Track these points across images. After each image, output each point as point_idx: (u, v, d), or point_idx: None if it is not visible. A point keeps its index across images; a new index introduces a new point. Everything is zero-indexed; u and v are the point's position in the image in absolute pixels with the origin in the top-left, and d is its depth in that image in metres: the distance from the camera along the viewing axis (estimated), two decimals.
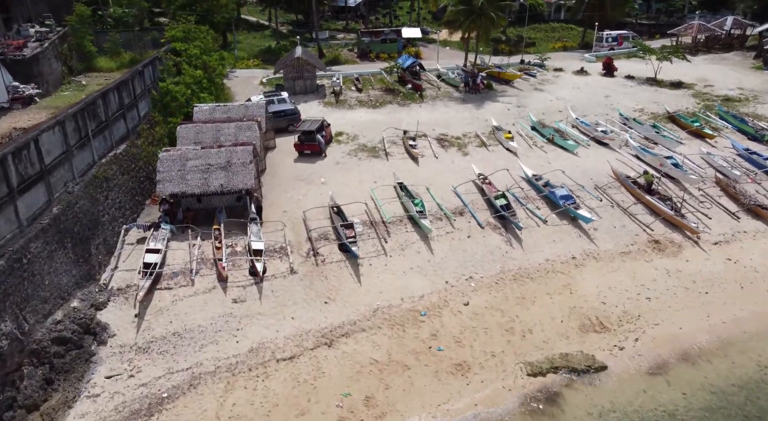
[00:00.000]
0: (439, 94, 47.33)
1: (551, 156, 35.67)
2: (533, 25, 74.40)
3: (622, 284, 24.15)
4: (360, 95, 46.94)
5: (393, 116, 42.91)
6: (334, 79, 49.44)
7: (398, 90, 47.53)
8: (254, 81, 51.33)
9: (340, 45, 66.69)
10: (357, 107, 44.83)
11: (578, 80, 50.83)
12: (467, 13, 47.11)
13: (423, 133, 39.12)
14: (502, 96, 47.03)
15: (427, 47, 65.64)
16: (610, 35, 60.60)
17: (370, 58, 60.13)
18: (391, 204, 29.29)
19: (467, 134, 39.39)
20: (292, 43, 66.52)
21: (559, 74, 52.76)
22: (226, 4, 51.69)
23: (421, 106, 45.08)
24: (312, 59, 47.47)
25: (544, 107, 44.31)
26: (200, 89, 37.80)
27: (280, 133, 39.24)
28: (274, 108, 39.87)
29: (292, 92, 46.93)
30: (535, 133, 39.21)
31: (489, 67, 51.33)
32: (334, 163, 35.18)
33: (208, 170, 26.90)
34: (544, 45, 67.07)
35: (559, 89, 48.41)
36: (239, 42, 70.35)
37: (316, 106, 45.16)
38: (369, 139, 38.62)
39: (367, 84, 49.65)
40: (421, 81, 48.83)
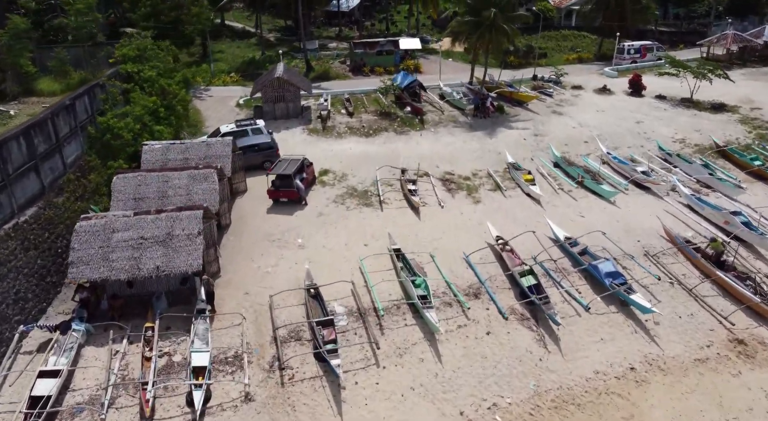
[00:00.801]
0: (443, 119, 40.37)
1: (583, 204, 28.75)
2: (542, 32, 67.45)
3: (706, 417, 17.21)
4: (351, 120, 39.97)
5: (389, 148, 35.98)
6: (321, 100, 42.47)
7: (395, 114, 40.56)
8: (230, 101, 44.30)
9: (331, 56, 59.69)
10: (347, 136, 37.87)
11: (602, 101, 43.88)
12: (476, 25, 40.14)
13: (424, 172, 32.22)
14: (516, 121, 40.07)
15: (427, 59, 58.65)
16: (633, 46, 53.69)
17: (364, 72, 53.15)
18: (386, 281, 22.36)
19: (478, 173, 32.45)
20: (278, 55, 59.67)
21: (578, 93, 45.80)
22: (199, 14, 44.56)
23: (422, 134, 38.12)
24: (295, 79, 40.47)
25: (565, 136, 37.38)
26: (155, 121, 30.80)
27: (253, 170, 32.34)
28: (245, 141, 32.90)
29: (272, 117, 39.97)
30: (559, 171, 32.27)
31: (499, 86, 44.35)
32: (316, 214, 28.24)
33: (141, 246, 19.94)
34: (557, 56, 60.14)
35: (580, 112, 41.46)
36: (222, 52, 63.52)
37: (299, 134, 38.19)
38: (360, 180, 31.72)
39: (359, 106, 42.67)
40: (421, 103, 41.87)
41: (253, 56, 59.52)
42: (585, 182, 30.22)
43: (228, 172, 27.92)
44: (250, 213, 28.41)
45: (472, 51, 42.78)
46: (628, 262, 23.50)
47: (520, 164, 32.38)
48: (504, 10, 39.85)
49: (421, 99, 42.75)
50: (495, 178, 31.55)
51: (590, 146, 35.77)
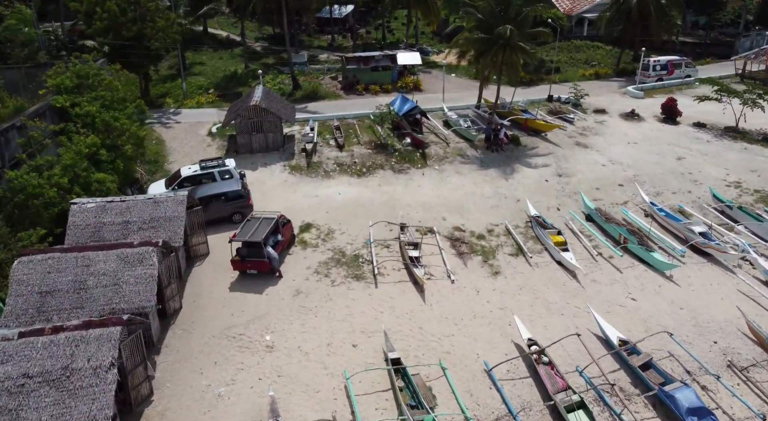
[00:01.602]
0: (448, 153, 34.05)
1: (630, 278, 22.49)
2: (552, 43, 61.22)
3: None
4: (340, 155, 33.61)
5: (385, 192, 29.70)
6: (307, 128, 36.11)
7: (392, 146, 34.22)
8: (202, 129, 37.89)
9: (321, 71, 53.30)
10: (335, 175, 31.55)
11: (632, 129, 37.61)
12: (487, 43, 33.78)
13: (428, 228, 25.98)
14: (534, 156, 33.78)
15: (428, 74, 52.36)
16: (659, 62, 47.43)
17: (358, 90, 46.81)
18: (381, 411, 16.08)
19: (494, 229, 26.19)
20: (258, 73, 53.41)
21: (603, 119, 39.51)
22: (165, 28, 38.07)
23: (425, 173, 31.82)
24: (276, 105, 34.09)
25: (595, 177, 31.13)
26: (94, 168, 24.45)
27: (219, 224, 26.10)
28: (210, 189, 26.58)
29: (248, 150, 33.61)
30: (594, 228, 26.03)
31: (513, 112, 38.05)
32: (292, 292, 21.94)
33: (23, 391, 13.56)
34: (570, 71, 53.88)
35: (609, 144, 35.19)
36: (202, 64, 57.13)
37: (278, 172, 31.84)
38: (350, 238, 25.46)
39: (350, 135, 36.32)
40: (423, 134, 35.53)
41: (236, 70, 53.12)
42: (629, 246, 23.93)
43: (179, 239, 21.57)
44: (207, 291, 22.07)
45: (481, 71, 36.41)
46: (709, 378, 17.23)
47: (546, 219, 26.08)
48: (521, 26, 33.54)
49: (423, 128, 36.39)
50: (516, 237, 25.25)
51: (627, 191, 29.51)
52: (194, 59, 59.00)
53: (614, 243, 24.55)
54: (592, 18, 65.70)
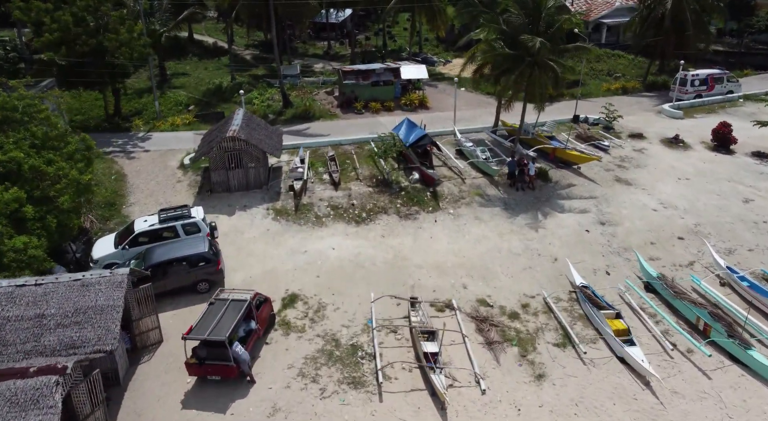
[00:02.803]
0: (464, 192, 28.15)
1: (725, 388, 16.66)
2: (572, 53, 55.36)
3: None
4: (335, 195, 27.70)
5: (390, 246, 23.85)
6: (296, 160, 30.23)
7: (397, 183, 28.36)
8: (173, 159, 31.94)
9: (316, 84, 47.35)
10: (329, 222, 25.67)
11: (679, 161, 31.72)
12: (513, 59, 27.82)
13: (445, 303, 20.14)
14: (568, 197, 27.89)
15: (435, 88, 46.47)
16: (698, 77, 41.52)
17: (356, 108, 40.89)
18: None
19: (530, 304, 20.36)
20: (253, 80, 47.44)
21: (641, 146, 33.62)
22: (130, 41, 32.05)
23: (437, 219, 25.95)
24: (258, 135, 28.17)
25: (646, 226, 25.27)
26: (14, 229, 18.54)
27: (181, 295, 20.34)
28: (166, 254, 20.67)
29: (225, 188, 27.69)
30: (658, 302, 20.16)
31: (538, 139, 32.17)
32: (267, 411, 16.07)
33: None
34: (594, 84, 48.02)
35: (655, 181, 29.31)
36: (185, 74, 51.25)
37: (260, 218, 25.94)
38: (346, 318, 19.67)
39: (347, 168, 30.40)
40: (433, 168, 29.61)
41: (221, 83, 47.18)
42: (713, 336, 18.06)
43: (113, 340, 15.67)
44: (152, 407, 16.17)
45: (503, 92, 30.45)
46: None
47: (596, 291, 20.19)
48: (552, 40, 27.61)
49: (433, 159, 30.44)
50: (560, 318, 19.37)
51: (690, 247, 23.64)
52: (177, 69, 53.18)
53: (692, 331, 18.64)
54: (611, 24, 60.06)
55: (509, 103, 28.87)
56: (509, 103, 28.87)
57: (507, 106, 29.01)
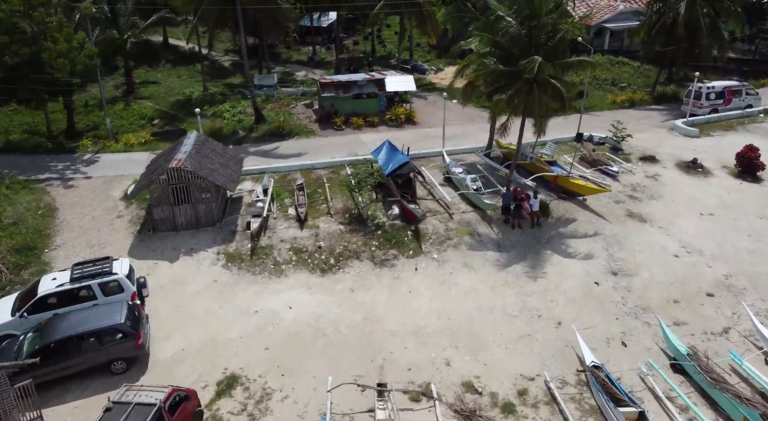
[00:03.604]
0: (451, 230, 23.85)
1: None
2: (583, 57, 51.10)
3: None
4: (300, 235, 23.38)
5: (360, 303, 19.60)
6: (258, 190, 25.95)
7: (373, 219, 24.07)
8: (117, 189, 27.58)
9: (294, 96, 43.03)
10: (290, 270, 21.39)
11: (699, 190, 27.44)
12: (508, 77, 23.47)
13: (423, 390, 15.84)
14: (572, 237, 23.60)
15: (425, 100, 42.19)
16: (713, 89, 37.22)
17: (336, 124, 36.61)
18: None
19: (528, 389, 16.10)
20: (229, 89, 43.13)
21: (656, 171, 29.34)
22: (69, 52, 27.63)
23: (418, 266, 21.68)
24: (212, 163, 23.82)
25: (667, 277, 20.99)
26: None
27: (90, 377, 16.07)
28: (68, 328, 16.32)
29: (170, 227, 23.37)
30: (690, 389, 15.87)
31: (537, 164, 27.91)
32: None
33: None
34: (598, 96, 43.75)
35: (674, 216, 25.02)
36: (156, 83, 46.94)
37: (207, 265, 21.63)
38: (295, 411, 15.57)
39: (317, 201, 26.09)
40: (417, 201, 25.25)
41: (191, 93, 42.87)
42: None
43: None
44: None
45: (496, 113, 26.10)
46: None
47: (612, 374, 15.91)
48: (553, 54, 23.28)
49: (416, 192, 26.10)
50: (567, 414, 15.06)
51: (723, 307, 19.35)
52: (147, 77, 48.85)
53: None
54: (614, 29, 55.87)
55: (504, 128, 24.48)
56: (504, 128, 24.48)
57: (501, 131, 24.59)
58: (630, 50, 53.37)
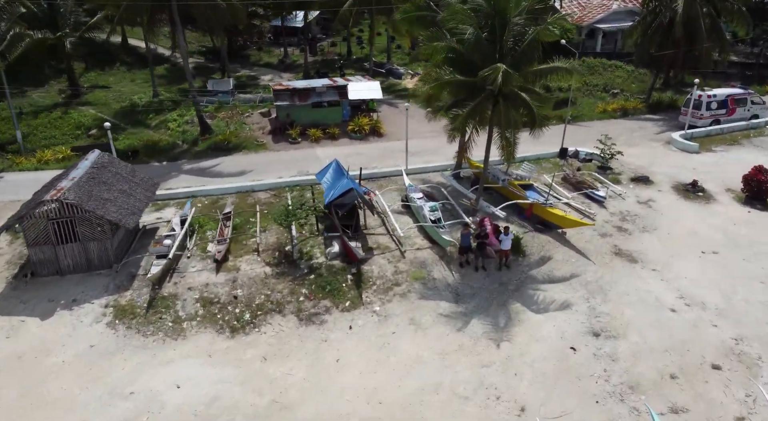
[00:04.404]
0: (401, 273, 19.44)
1: None
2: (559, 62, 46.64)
3: None
4: (214, 280, 18.93)
5: (271, 380, 15.22)
6: (174, 221, 21.48)
7: (307, 259, 19.66)
8: (4, 219, 23.00)
9: (252, 103, 38.62)
10: (192, 330, 16.97)
11: (700, 220, 23.02)
12: (469, 89, 19.00)
13: None
14: (546, 282, 19.23)
15: (396, 108, 37.77)
16: (715, 98, 32.79)
17: (291, 137, 32.21)
18: None
19: None
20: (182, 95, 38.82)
21: (649, 196, 24.94)
22: None
23: (353, 325, 17.27)
24: (107, 194, 19.35)
25: (660, 338, 16.60)
26: None
27: None
28: None
29: (54, 271, 18.93)
30: None
31: (510, 189, 23.47)
32: None
33: None
34: (587, 103, 39.43)
35: (670, 256, 20.61)
36: (107, 87, 42.63)
37: (88, 323, 17.23)
38: None
39: (246, 233, 21.63)
40: (357, 241, 20.63)
41: (138, 100, 38.44)
42: None
43: None
44: None
45: (460, 130, 21.53)
46: None
47: None
48: (523, 59, 18.82)
49: (360, 225, 21.64)
50: None
51: (732, 383, 14.92)
52: (98, 81, 44.44)
53: None
54: (607, 29, 51.47)
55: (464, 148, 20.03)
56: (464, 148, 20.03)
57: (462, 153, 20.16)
58: (624, 53, 49.01)
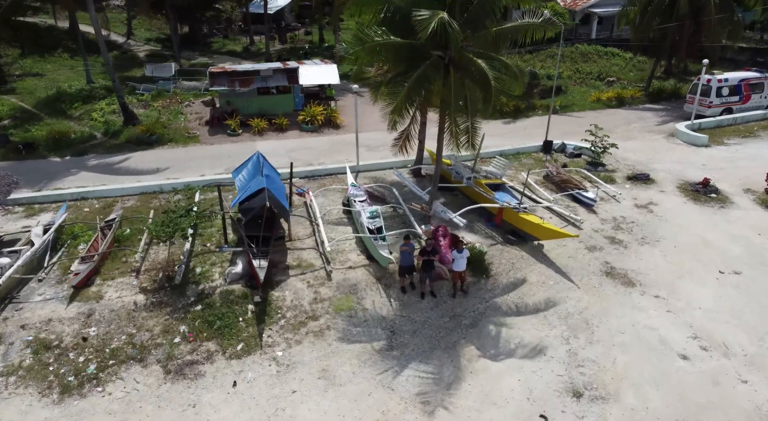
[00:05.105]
0: (321, 302, 14.41)
1: None
2: (550, 49, 41.98)
3: None
4: (64, 313, 13.88)
5: None
6: (33, 233, 16.39)
7: (199, 282, 14.59)
8: None
9: (196, 91, 33.62)
10: (3, 391, 11.81)
11: (714, 229, 18.02)
12: (409, 53, 13.90)
13: None
14: (515, 314, 14.22)
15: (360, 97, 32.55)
16: (727, 83, 27.76)
17: (231, 127, 27.21)
18: None
19: None
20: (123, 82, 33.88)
21: (650, 198, 19.92)
22: None
23: (240, 380, 12.22)
24: None
25: (666, 399, 11.61)
26: None
27: None
28: None
29: None
30: None
31: (477, 190, 18.45)
32: None
33: None
34: (578, 92, 34.49)
35: (677, 275, 15.62)
36: (40, 75, 37.89)
37: None
38: None
39: (134, 245, 16.55)
40: (265, 259, 15.32)
41: (67, 88, 33.44)
42: None
43: None
44: None
45: (401, 111, 16.28)
46: None
47: None
48: (478, 17, 13.72)
49: (287, 228, 16.60)
50: None
51: None
52: (34, 68, 39.59)
53: None
54: (603, 14, 46.60)
55: (406, 136, 15.00)
56: (406, 136, 15.00)
57: (402, 142, 15.12)
58: (621, 40, 44.10)
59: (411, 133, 15.25)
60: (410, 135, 15.17)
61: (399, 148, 15.64)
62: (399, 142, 15.42)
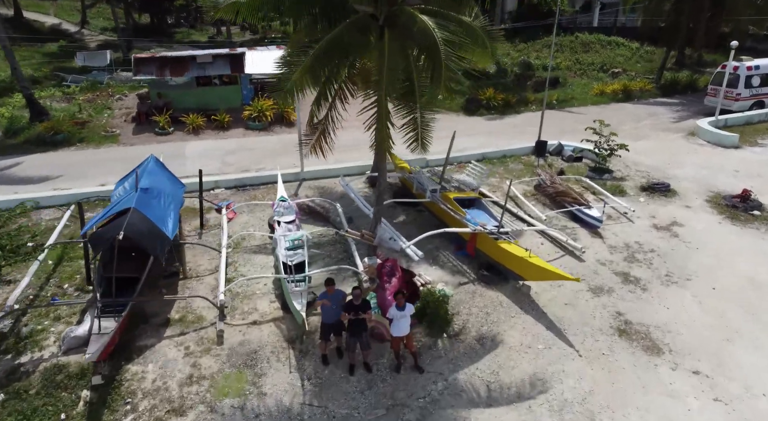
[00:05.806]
0: (195, 389, 9.52)
1: None
2: (545, 38, 37.16)
3: None
4: None
5: None
6: None
7: (12, 353, 9.65)
8: None
9: (135, 83, 28.70)
10: None
11: (765, 262, 12.91)
12: (325, 13, 8.97)
13: None
14: (485, 405, 9.35)
15: None
16: (758, 71, 22.86)
17: (160, 124, 22.30)
18: None
19: None
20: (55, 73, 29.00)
21: (671, 214, 15.01)
22: None
23: None
24: None
25: None
26: None
27: None
28: None
29: None
30: None
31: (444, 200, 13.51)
32: None
33: None
34: (579, 85, 29.62)
35: (722, 335, 10.69)
36: None
37: None
38: None
39: None
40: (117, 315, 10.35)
41: None
42: None
43: None
44: None
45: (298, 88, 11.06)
46: None
47: None
48: None
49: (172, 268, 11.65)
50: None
51: None
52: None
53: None
54: (606, 0, 41.76)
55: (322, 133, 10.17)
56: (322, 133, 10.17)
57: (317, 143, 10.28)
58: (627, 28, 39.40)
59: (326, 128, 10.52)
60: (325, 131, 10.44)
61: (311, 148, 10.87)
62: (312, 139, 10.66)
